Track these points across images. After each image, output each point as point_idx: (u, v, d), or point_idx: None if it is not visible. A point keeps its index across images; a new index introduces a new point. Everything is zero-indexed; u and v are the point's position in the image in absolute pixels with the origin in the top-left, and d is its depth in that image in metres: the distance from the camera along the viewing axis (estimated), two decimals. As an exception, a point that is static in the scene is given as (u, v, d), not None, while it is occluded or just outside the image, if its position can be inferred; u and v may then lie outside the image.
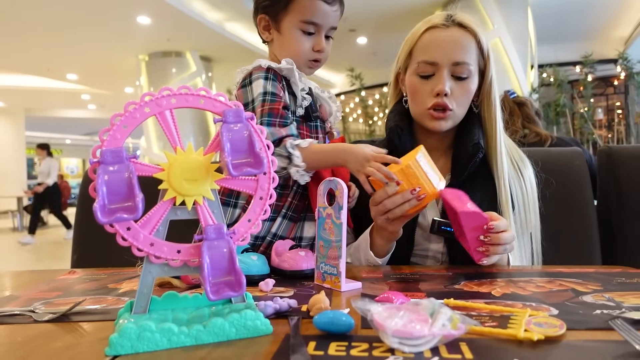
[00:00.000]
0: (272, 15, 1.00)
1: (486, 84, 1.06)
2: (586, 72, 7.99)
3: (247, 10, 4.62)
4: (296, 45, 0.98)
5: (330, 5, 0.97)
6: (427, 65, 1.01)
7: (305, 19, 0.96)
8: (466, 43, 1.02)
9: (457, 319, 0.46)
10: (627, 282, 0.75)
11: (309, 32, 0.98)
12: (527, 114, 2.38)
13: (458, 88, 1.02)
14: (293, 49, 0.98)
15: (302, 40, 0.98)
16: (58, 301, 0.69)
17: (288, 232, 0.97)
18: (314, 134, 1.02)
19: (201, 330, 0.49)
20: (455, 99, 1.02)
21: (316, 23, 0.97)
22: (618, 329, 0.48)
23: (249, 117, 0.55)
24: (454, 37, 1.01)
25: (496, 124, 1.07)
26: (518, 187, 1.07)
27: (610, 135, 8.87)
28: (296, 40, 0.98)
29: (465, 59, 1.00)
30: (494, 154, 1.07)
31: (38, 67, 9.23)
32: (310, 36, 0.98)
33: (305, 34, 0.97)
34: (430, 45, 1.02)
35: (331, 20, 0.98)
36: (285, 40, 0.99)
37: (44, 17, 6.36)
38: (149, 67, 8.28)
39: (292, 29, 0.97)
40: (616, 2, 6.84)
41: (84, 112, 14.84)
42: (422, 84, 1.03)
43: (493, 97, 1.07)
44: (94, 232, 1.33)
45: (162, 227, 0.53)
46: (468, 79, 1.02)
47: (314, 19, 0.96)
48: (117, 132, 0.50)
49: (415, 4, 6.27)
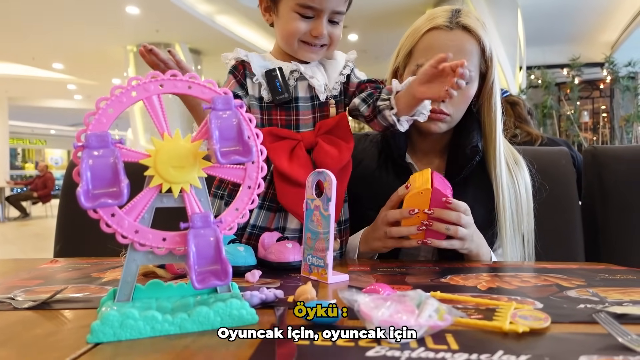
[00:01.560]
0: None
1: (487, 87, 1.05)
2: (573, 74, 8.12)
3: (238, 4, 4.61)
4: (290, 27, 0.91)
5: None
6: None
7: (301, 2, 0.89)
8: (469, 48, 0.98)
9: (443, 310, 0.46)
10: (610, 278, 0.76)
11: (307, 15, 0.90)
12: (519, 113, 2.39)
13: (457, 94, 1.00)
14: (287, 31, 0.92)
15: (298, 23, 0.91)
16: (39, 289, 0.68)
17: (268, 222, 0.94)
18: (293, 116, 0.95)
19: (185, 318, 0.48)
20: (453, 104, 1.00)
21: (313, 7, 0.89)
22: (602, 322, 0.49)
23: (238, 105, 0.54)
24: (456, 42, 0.98)
25: (496, 128, 1.05)
26: (512, 191, 1.07)
27: (595, 137, 9.01)
28: (291, 23, 0.91)
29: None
30: (492, 159, 1.06)
31: (23, 55, 9.06)
32: (309, 20, 0.91)
33: (302, 17, 0.91)
34: (431, 48, 0.99)
35: (333, 3, 0.90)
36: (281, 23, 0.94)
37: (30, 4, 6.23)
38: (137, 58, 8.18)
39: (289, 12, 0.91)
40: (603, 8, 6.94)
41: (69, 103, 14.62)
42: None
43: (494, 100, 1.05)
44: (78, 222, 1.31)
45: (147, 215, 0.52)
46: (468, 85, 1.00)
47: (311, 3, 0.89)
48: (102, 116, 0.49)
49: (406, 2, 6.28)
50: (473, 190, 1.06)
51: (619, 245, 1.25)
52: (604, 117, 9.09)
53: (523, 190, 1.08)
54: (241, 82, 0.95)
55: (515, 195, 1.07)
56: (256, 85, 0.95)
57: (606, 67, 8.13)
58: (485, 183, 1.07)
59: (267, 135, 0.90)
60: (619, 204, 1.27)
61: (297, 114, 0.94)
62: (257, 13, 1.01)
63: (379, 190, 1.03)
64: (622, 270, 0.85)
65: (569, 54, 7.97)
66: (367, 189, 1.07)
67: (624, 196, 1.27)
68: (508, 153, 1.11)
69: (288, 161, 0.91)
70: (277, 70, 0.94)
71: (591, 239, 1.29)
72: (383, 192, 0.99)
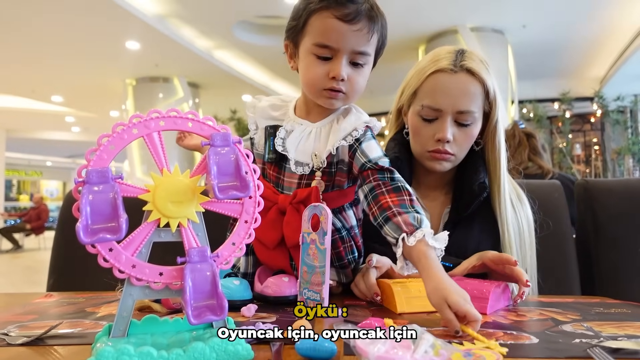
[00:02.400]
0: (293, 40, 0.87)
1: (491, 126, 1.06)
2: (564, 108, 8.27)
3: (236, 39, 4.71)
4: (308, 71, 0.83)
5: (349, 23, 0.79)
6: (431, 110, 0.99)
7: (317, 42, 0.81)
8: (472, 90, 0.99)
9: (439, 346, 0.47)
10: (605, 312, 0.77)
11: (324, 56, 0.82)
12: (534, 145, 2.39)
13: (461, 134, 1.00)
14: (306, 76, 0.84)
15: (315, 65, 0.82)
16: (33, 324, 0.67)
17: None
18: (282, 175, 0.89)
19: (181, 354, 0.48)
20: (457, 144, 1.01)
21: (330, 46, 0.80)
22: (596, 357, 0.49)
23: (236, 142, 0.56)
24: (460, 85, 0.98)
25: (500, 166, 1.06)
26: (516, 227, 1.07)
27: (588, 170, 9.10)
28: (308, 67, 0.83)
29: (470, 108, 0.98)
30: (496, 196, 1.07)
31: (23, 87, 9.15)
32: (326, 61, 0.82)
33: (319, 59, 0.82)
34: (435, 90, 0.99)
35: (352, 42, 0.80)
36: (301, 69, 0.86)
37: (31, 37, 6.36)
38: (136, 91, 8.29)
39: (307, 55, 0.83)
40: (591, 44, 7.15)
41: (67, 135, 14.67)
42: (425, 126, 1.02)
43: (498, 139, 1.06)
44: (72, 255, 1.31)
45: (145, 249, 0.52)
46: (471, 125, 1.01)
47: (327, 42, 0.80)
48: (104, 152, 0.51)
49: (400, 39, 6.45)
50: (479, 225, 1.07)
51: (612, 278, 1.26)
52: (596, 150, 9.22)
53: (525, 225, 1.09)
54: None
55: (519, 230, 1.08)
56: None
57: (596, 101, 8.30)
58: (490, 217, 1.08)
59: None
60: (611, 237, 1.28)
61: (284, 175, 0.89)
62: (253, 48, 1.03)
63: None
64: (616, 303, 0.85)
65: (559, 88, 8.15)
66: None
67: (616, 230, 1.28)
68: (511, 189, 1.13)
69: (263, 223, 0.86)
70: (273, 129, 0.89)
71: (586, 272, 1.29)
72: None
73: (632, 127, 8.61)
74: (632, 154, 8.30)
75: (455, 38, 6.24)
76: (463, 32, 6.25)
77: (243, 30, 6.45)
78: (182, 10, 6.01)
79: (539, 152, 2.39)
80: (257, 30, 6.54)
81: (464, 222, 1.06)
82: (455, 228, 1.06)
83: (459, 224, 1.07)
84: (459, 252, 0.96)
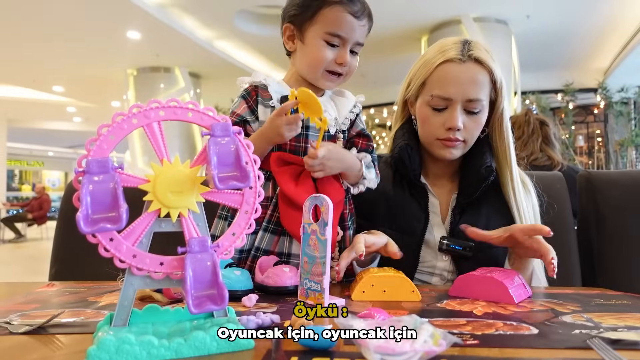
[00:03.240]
0: (298, 24, 0.97)
1: (497, 114, 1.08)
2: (567, 100, 8.23)
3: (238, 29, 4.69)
4: (317, 54, 0.95)
5: (358, 19, 0.94)
6: (441, 99, 1.02)
7: (330, 31, 0.93)
8: (481, 79, 1.02)
9: (438, 336, 0.47)
10: (605, 303, 0.77)
11: (333, 44, 0.95)
12: (547, 134, 2.32)
13: (470, 122, 1.03)
14: (313, 58, 0.96)
15: (325, 50, 0.95)
16: (35, 313, 0.67)
17: (272, 245, 0.95)
18: (302, 143, 0.97)
19: (182, 343, 0.48)
20: (467, 131, 1.04)
21: (341, 36, 0.94)
22: (596, 348, 0.49)
23: (236, 132, 0.56)
24: (469, 74, 1.01)
25: (510, 152, 1.09)
26: (530, 212, 1.11)
27: (591, 162, 9.09)
28: (318, 50, 0.95)
29: (479, 96, 1.01)
30: (508, 182, 1.09)
31: (24, 77, 9.14)
32: (334, 48, 0.95)
33: (329, 45, 0.95)
34: (445, 80, 1.02)
35: (357, 34, 0.95)
36: (307, 50, 0.97)
37: (32, 27, 6.34)
38: (137, 81, 8.27)
39: (316, 39, 0.95)
40: (595, 35, 7.09)
41: (68, 125, 14.68)
42: (435, 115, 1.04)
43: (505, 125, 1.08)
44: (74, 245, 1.31)
45: (145, 239, 0.52)
46: (480, 113, 1.04)
47: (340, 32, 0.93)
48: (103, 142, 0.50)
49: (403, 30, 6.42)
50: (486, 210, 1.10)
51: (614, 270, 1.26)
52: (599, 142, 9.19)
53: (531, 212, 1.12)
54: (252, 108, 0.98)
55: (533, 215, 1.12)
56: (268, 110, 0.96)
57: (599, 93, 8.26)
58: (497, 203, 1.10)
59: (275, 159, 0.93)
60: (614, 229, 1.28)
61: (305, 142, 0.96)
62: (254, 38, 1.06)
63: (396, 209, 1.09)
64: (617, 295, 0.85)
65: (563, 79, 8.10)
66: (382, 208, 1.11)
67: (618, 221, 1.28)
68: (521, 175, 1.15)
69: (294, 185, 0.93)
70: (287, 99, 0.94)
71: (587, 263, 1.29)
72: (399, 210, 1.06)
73: (635, 118, 8.58)
74: (635, 146, 8.28)
75: (458, 28, 6.19)
76: (466, 23, 6.20)
77: (244, 20, 6.42)
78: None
79: (551, 142, 2.33)
80: (258, 20, 6.51)
81: (471, 208, 1.09)
82: (463, 213, 1.08)
83: (467, 209, 1.09)
84: (467, 236, 0.98)
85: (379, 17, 1.01)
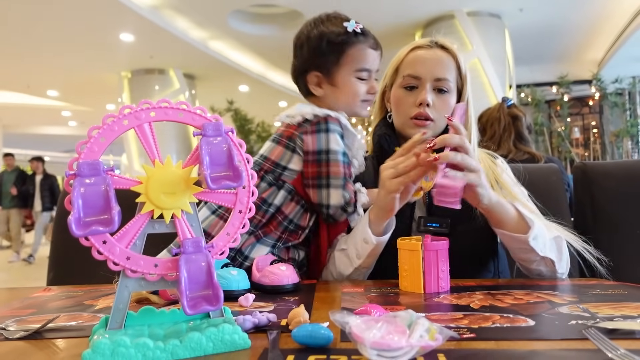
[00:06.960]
0: (325, 71, 1.05)
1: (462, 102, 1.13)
2: (562, 92, 8.24)
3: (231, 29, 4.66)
4: (354, 91, 1.05)
5: (375, 50, 1.07)
6: (411, 78, 1.10)
7: (359, 67, 1.04)
8: (447, 62, 1.11)
9: (434, 330, 0.47)
10: (601, 293, 0.77)
11: (363, 78, 1.05)
12: (519, 131, 2.31)
13: (439, 101, 1.09)
14: (351, 95, 1.05)
15: (359, 86, 1.05)
16: (31, 318, 0.67)
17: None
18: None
19: (177, 345, 0.48)
20: (436, 110, 1.09)
21: (368, 69, 1.05)
22: (592, 338, 0.49)
23: (228, 131, 0.55)
24: (436, 56, 1.11)
25: (471, 138, 1.12)
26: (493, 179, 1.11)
27: (587, 153, 9.10)
28: (353, 87, 1.05)
29: (446, 76, 1.09)
30: None
31: (18, 83, 9.10)
32: (364, 81, 1.06)
33: (359, 80, 1.05)
34: (415, 61, 1.11)
35: (377, 63, 1.08)
36: (343, 90, 1.05)
37: (24, 31, 6.30)
38: (132, 84, 8.23)
39: (348, 77, 1.04)
40: (588, 27, 7.10)
41: (64, 129, 14.62)
42: (407, 95, 1.11)
43: (469, 116, 1.13)
44: (71, 249, 1.30)
45: (139, 241, 0.52)
46: (448, 93, 1.10)
47: (367, 65, 1.04)
48: (94, 144, 0.50)
49: (396, 25, 6.39)
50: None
51: (610, 260, 1.26)
52: (595, 133, 9.21)
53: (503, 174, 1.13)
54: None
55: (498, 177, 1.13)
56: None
57: (594, 84, 8.27)
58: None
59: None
60: (609, 220, 1.28)
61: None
62: (248, 38, 1.07)
63: None
64: (613, 285, 0.85)
65: (557, 72, 8.11)
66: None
67: (614, 212, 1.28)
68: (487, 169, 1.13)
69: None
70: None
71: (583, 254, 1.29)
72: None
73: (630, 109, 8.60)
74: (630, 136, 8.30)
75: (452, 23, 6.18)
76: (460, 17, 6.18)
77: (237, 19, 6.39)
78: (175, 0, 5.96)
79: (524, 138, 2.32)
80: (251, 20, 6.49)
81: None
82: None
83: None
84: (444, 216, 0.97)
85: (372, 13, 1.04)
